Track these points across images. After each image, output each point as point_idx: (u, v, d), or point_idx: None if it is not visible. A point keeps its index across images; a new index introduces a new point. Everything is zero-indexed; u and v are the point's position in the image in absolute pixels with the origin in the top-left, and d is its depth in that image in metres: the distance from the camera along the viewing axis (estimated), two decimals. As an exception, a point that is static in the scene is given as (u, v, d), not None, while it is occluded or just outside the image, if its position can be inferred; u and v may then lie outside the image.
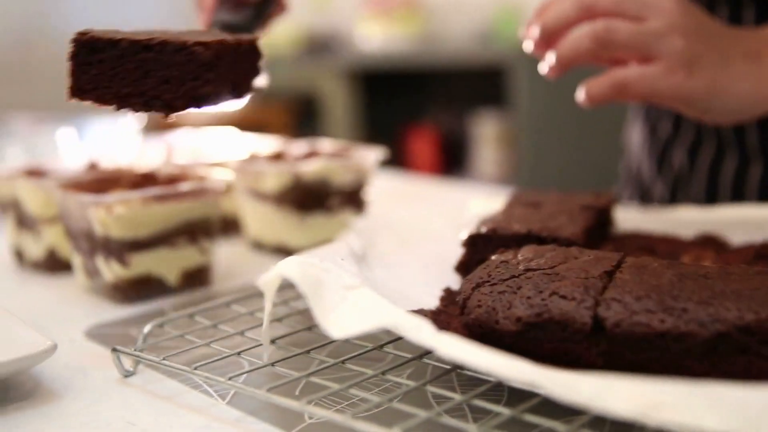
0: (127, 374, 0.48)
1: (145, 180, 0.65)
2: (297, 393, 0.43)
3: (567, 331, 0.39)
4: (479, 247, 0.52)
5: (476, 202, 0.69)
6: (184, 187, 0.61)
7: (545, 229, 0.51)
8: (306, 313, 0.51)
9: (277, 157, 0.77)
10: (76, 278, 0.66)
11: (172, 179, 0.65)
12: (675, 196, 0.77)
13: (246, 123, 1.89)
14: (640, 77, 0.54)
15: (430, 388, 0.39)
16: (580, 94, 0.56)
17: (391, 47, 2.47)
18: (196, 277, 0.64)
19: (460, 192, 1.05)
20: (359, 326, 0.36)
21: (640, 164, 0.83)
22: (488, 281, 0.42)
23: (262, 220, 0.72)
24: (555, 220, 0.53)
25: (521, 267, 0.43)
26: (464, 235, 0.53)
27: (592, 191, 0.62)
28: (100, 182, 0.65)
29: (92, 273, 0.62)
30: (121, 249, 0.59)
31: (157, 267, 0.61)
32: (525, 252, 0.45)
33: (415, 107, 2.65)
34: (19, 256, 0.72)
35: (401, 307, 0.40)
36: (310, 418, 0.41)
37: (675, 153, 0.78)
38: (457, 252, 0.58)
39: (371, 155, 0.73)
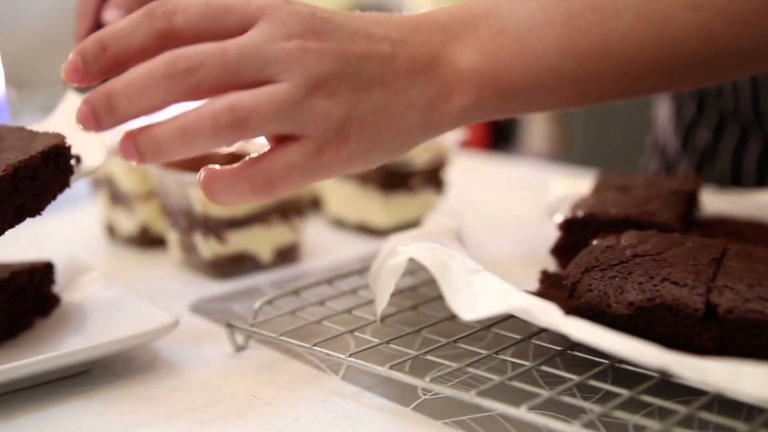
0: (240, 349, 0.50)
1: (235, 159, 0.67)
2: (407, 369, 0.45)
3: (678, 316, 0.40)
4: (575, 231, 0.53)
5: (558, 184, 0.70)
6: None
7: (643, 214, 0.52)
8: (406, 293, 0.53)
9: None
10: (169, 254, 0.68)
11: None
12: (700, 174, 0.77)
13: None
14: (284, 167, 0.40)
15: (543, 368, 0.41)
16: (206, 196, 0.42)
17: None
18: (287, 254, 0.66)
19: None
20: (488, 309, 0.37)
21: (666, 140, 0.83)
22: (597, 266, 0.44)
23: (344, 199, 0.74)
24: (649, 205, 0.54)
25: (628, 252, 0.44)
26: (560, 219, 0.54)
27: (678, 174, 0.63)
28: (194, 161, 0.67)
29: (188, 249, 0.64)
30: (219, 227, 0.61)
31: (252, 244, 0.63)
32: (628, 238, 0.47)
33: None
34: (111, 230, 0.75)
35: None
36: (425, 393, 0.43)
37: (699, 133, 0.78)
38: (546, 234, 0.59)
39: (451, 136, 0.74)
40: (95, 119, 0.39)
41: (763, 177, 0.72)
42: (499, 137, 2.51)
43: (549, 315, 0.36)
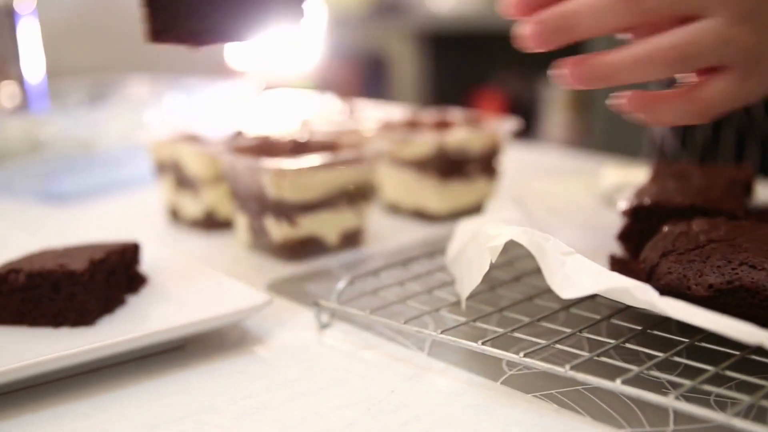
0: (324, 326, 0.53)
1: (301, 147, 0.70)
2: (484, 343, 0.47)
3: (756, 299, 0.43)
4: (642, 218, 0.56)
5: (611, 172, 0.73)
6: (348, 155, 0.65)
7: (708, 202, 0.54)
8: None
9: (412, 125, 0.81)
10: (236, 236, 0.71)
11: (326, 146, 0.70)
12: None
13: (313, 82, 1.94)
14: (721, 94, 0.46)
15: (627, 345, 0.43)
16: (644, 115, 0.47)
17: (460, 9, 2.48)
18: (352, 238, 0.68)
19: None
20: (586, 288, 0.40)
21: (664, 138, 0.85)
22: (674, 250, 0.46)
23: (400, 186, 0.77)
24: (710, 193, 0.57)
25: (702, 238, 0.47)
26: (625, 207, 0.57)
27: (731, 164, 0.65)
28: (262, 148, 0.70)
29: (258, 232, 0.67)
30: (292, 211, 0.64)
31: (320, 228, 0.66)
32: (699, 224, 0.49)
33: (483, 70, 2.66)
34: (174, 214, 0.78)
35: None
36: (510, 369, 0.45)
37: (698, 129, 0.80)
38: (605, 220, 0.62)
39: (505, 125, 0.77)
40: (544, 38, 0.45)
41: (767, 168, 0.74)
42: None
43: (647, 294, 0.39)
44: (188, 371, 0.48)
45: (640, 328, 0.45)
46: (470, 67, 2.68)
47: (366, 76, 2.81)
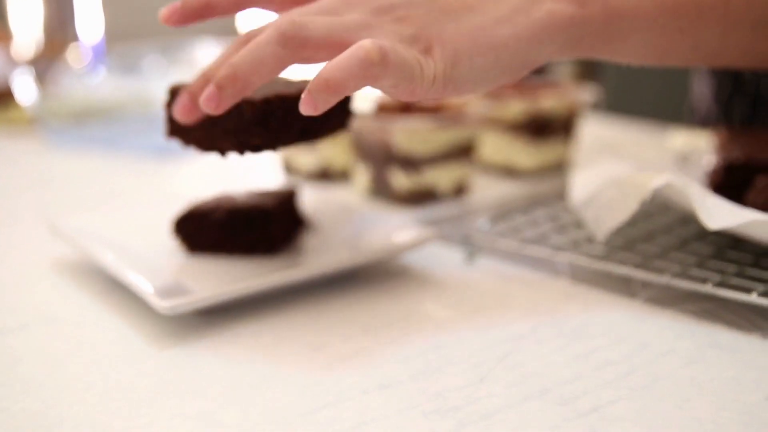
0: (470, 261, 0.62)
1: (408, 107, 0.79)
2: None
3: None
4: (733, 174, 0.65)
5: (678, 137, 0.83)
6: (461, 116, 0.75)
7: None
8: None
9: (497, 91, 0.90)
10: (355, 186, 0.80)
11: (431, 109, 0.79)
12: None
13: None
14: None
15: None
16: (320, 87, 0.41)
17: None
18: (461, 189, 0.78)
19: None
20: (730, 220, 0.49)
21: (709, 108, 0.95)
22: (779, 195, 0.56)
23: (493, 145, 0.86)
24: (788, 152, 0.67)
25: (801, 185, 0.57)
26: (718, 163, 0.66)
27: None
28: (399, 108, 0.79)
29: (380, 183, 0.76)
30: (418, 163, 0.73)
31: (438, 178, 0.75)
32: (793, 176, 0.59)
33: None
34: (288, 167, 0.86)
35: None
36: (644, 287, 0.55)
37: (736, 109, 0.90)
38: (689, 177, 0.72)
39: (584, 92, 0.86)
40: (221, 101, 0.45)
41: None
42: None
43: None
44: (359, 298, 0.56)
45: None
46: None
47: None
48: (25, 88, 1.10)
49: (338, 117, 0.57)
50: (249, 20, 2.44)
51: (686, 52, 0.53)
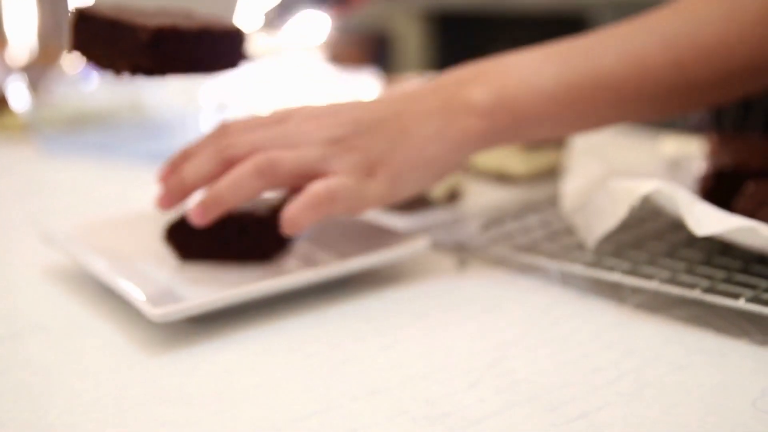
0: (462, 267, 0.62)
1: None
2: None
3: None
4: (723, 181, 0.66)
5: (669, 143, 0.83)
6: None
7: (780, 165, 0.65)
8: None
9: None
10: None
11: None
12: None
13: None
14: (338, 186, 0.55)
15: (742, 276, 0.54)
16: (285, 226, 0.55)
17: (466, -12, 2.57)
18: (453, 195, 0.78)
19: None
20: (717, 227, 0.50)
21: (701, 117, 0.97)
22: (766, 202, 0.57)
23: (485, 152, 0.86)
24: (776, 158, 0.67)
25: (789, 191, 0.57)
26: (704, 171, 0.67)
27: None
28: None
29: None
30: (410, 170, 0.73)
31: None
32: (781, 181, 0.59)
33: (487, 49, 2.75)
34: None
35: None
36: (633, 293, 0.56)
37: (730, 108, 0.92)
38: (679, 182, 0.72)
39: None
40: (206, 216, 0.56)
41: None
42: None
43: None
44: (355, 303, 0.57)
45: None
46: (477, 49, 2.77)
47: (371, 53, 2.89)
48: (18, 95, 1.10)
49: (230, 56, 0.60)
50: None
51: (590, 127, 0.63)
